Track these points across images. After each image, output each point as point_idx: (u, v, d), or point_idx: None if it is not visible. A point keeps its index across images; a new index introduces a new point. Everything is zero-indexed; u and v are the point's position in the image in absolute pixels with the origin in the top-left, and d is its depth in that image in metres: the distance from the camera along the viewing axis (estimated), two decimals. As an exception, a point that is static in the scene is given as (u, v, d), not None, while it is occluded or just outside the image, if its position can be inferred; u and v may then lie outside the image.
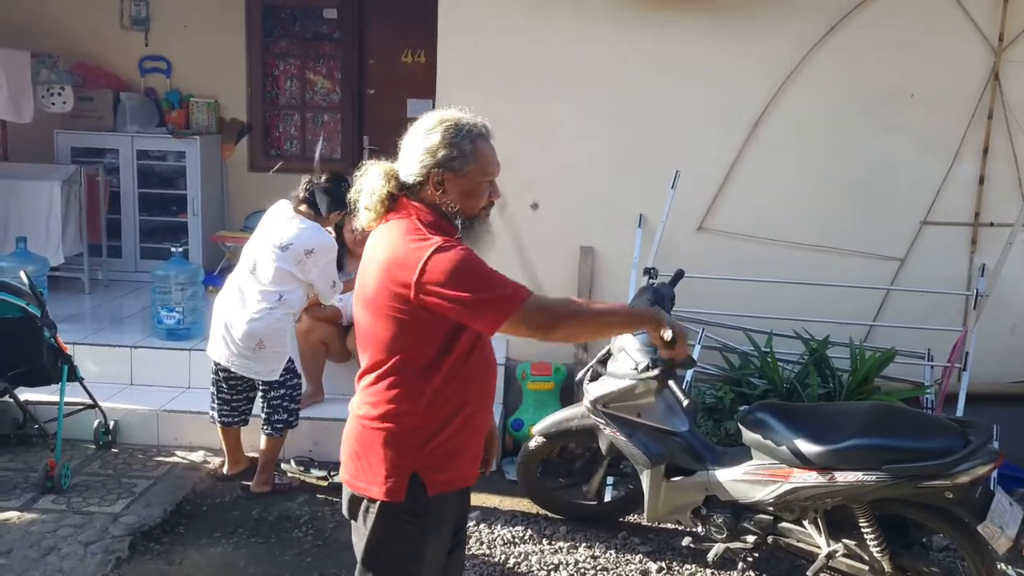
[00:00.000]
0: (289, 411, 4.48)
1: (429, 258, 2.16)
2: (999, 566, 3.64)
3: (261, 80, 7.59)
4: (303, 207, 4.43)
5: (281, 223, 4.39)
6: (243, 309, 4.34)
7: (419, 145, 2.29)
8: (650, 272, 4.45)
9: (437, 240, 2.19)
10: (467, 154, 2.28)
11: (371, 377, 2.32)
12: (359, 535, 2.38)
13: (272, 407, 4.44)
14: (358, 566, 2.39)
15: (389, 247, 2.25)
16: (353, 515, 2.39)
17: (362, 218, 2.37)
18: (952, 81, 5.07)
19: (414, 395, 2.27)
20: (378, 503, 2.31)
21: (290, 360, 4.43)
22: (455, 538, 2.51)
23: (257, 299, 4.33)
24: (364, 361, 2.35)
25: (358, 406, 2.37)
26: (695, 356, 4.50)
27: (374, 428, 2.31)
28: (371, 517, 2.33)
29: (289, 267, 4.29)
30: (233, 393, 4.54)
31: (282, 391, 4.44)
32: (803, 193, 5.22)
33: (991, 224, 5.14)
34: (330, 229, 4.53)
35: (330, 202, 4.43)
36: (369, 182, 2.34)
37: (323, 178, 4.49)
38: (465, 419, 2.34)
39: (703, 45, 5.15)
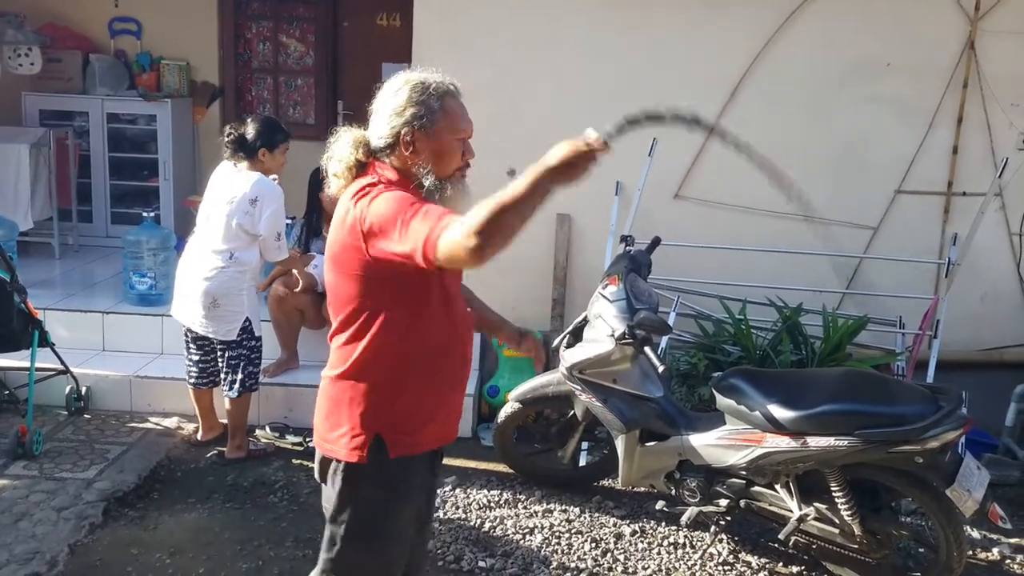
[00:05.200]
0: (247, 372, 4.45)
1: (370, 205, 2.14)
2: (966, 529, 3.71)
3: (233, 42, 7.45)
4: (239, 157, 4.37)
5: (226, 179, 4.37)
6: (198, 268, 4.33)
7: (387, 106, 2.28)
8: (627, 239, 4.46)
9: (381, 187, 2.17)
10: (435, 111, 2.25)
11: (340, 337, 2.31)
12: (327, 497, 2.37)
13: (230, 367, 4.42)
14: (326, 528, 2.39)
15: (345, 206, 2.24)
16: (323, 477, 2.39)
17: (332, 185, 2.35)
18: (928, 51, 5.08)
19: (379, 353, 2.25)
20: (343, 464, 2.31)
21: (247, 321, 4.40)
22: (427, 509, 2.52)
23: (210, 258, 4.33)
24: (334, 322, 2.34)
25: (328, 366, 2.37)
26: (670, 323, 4.52)
27: (340, 387, 2.31)
28: (337, 479, 2.32)
29: (238, 219, 4.26)
30: (201, 354, 4.52)
31: (239, 351, 4.42)
32: (779, 161, 5.15)
33: (964, 193, 5.18)
34: (275, 177, 4.43)
35: (252, 140, 4.34)
36: (339, 149, 2.32)
37: (248, 121, 4.42)
38: (433, 381, 2.32)
39: (682, 11, 5.12)
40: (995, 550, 4.01)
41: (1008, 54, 5.03)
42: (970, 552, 3.88)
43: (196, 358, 4.54)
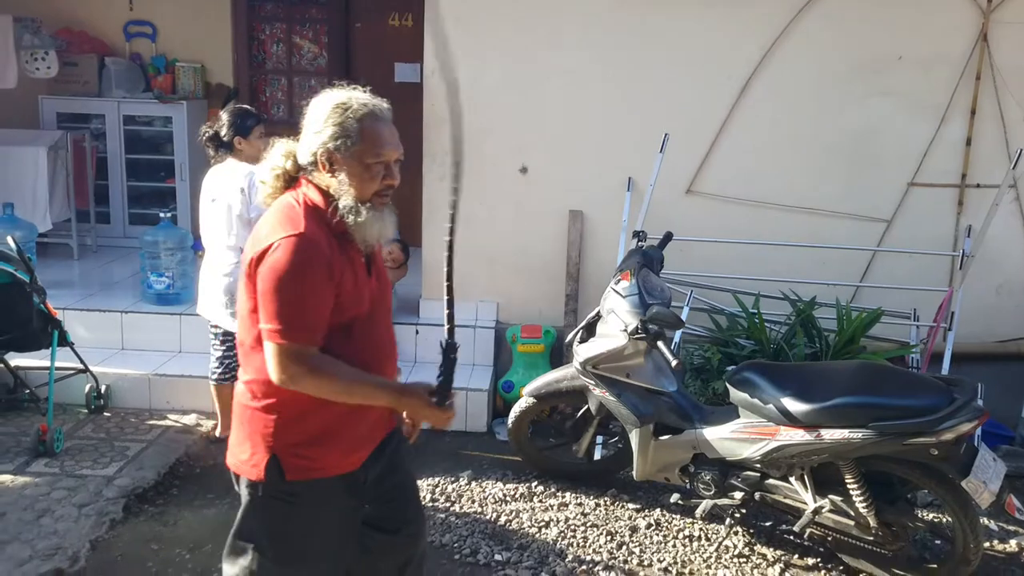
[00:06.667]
0: None
1: (274, 244, 2.15)
2: (982, 520, 3.71)
3: (247, 44, 7.51)
4: (220, 155, 4.41)
5: (216, 178, 4.43)
6: (217, 266, 4.39)
7: (310, 124, 2.27)
8: (639, 235, 4.46)
9: (298, 229, 2.16)
10: (352, 134, 2.21)
11: (249, 350, 2.29)
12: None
13: None
14: (229, 538, 2.40)
15: (262, 221, 2.26)
16: (238, 488, 2.39)
17: (260, 192, 2.36)
18: (941, 43, 5.07)
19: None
20: (244, 480, 2.32)
21: None
22: (382, 531, 2.50)
23: (225, 255, 4.38)
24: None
25: (240, 378, 2.37)
26: (683, 317, 4.53)
27: (243, 404, 2.31)
28: (243, 494, 2.34)
29: (240, 209, 4.29)
30: (224, 348, 4.56)
31: None
32: (791, 155, 5.23)
33: (977, 185, 5.16)
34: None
35: (225, 133, 4.35)
36: (272, 157, 2.34)
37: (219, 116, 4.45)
38: (336, 408, 2.23)
39: (693, 7, 5.13)
40: (1012, 541, 4.00)
41: (1021, 45, 5.00)
42: (987, 544, 3.88)
43: (220, 353, 4.57)
